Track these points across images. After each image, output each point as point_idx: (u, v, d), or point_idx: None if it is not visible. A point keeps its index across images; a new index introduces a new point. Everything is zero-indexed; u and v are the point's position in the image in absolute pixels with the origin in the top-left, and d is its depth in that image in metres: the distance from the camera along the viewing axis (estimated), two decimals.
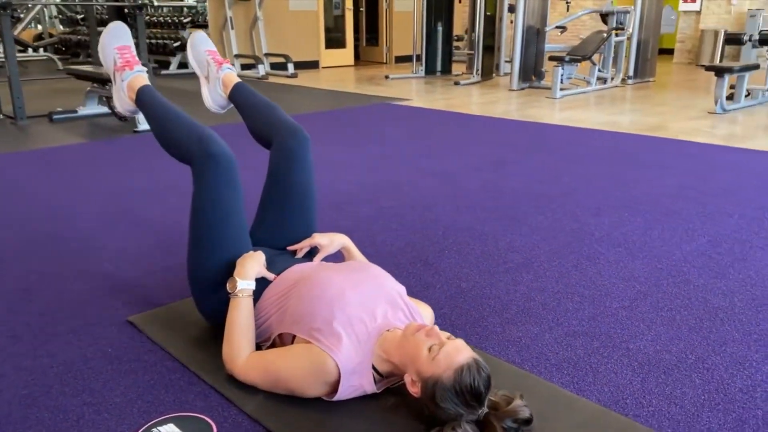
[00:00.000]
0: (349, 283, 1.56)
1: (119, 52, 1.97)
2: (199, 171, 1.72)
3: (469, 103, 6.72)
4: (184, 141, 1.77)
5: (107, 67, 1.99)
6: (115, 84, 1.98)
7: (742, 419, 1.43)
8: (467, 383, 1.31)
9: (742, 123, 5.49)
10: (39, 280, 2.16)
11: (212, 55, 2.08)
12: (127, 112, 2.02)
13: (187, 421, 1.41)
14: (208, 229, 1.71)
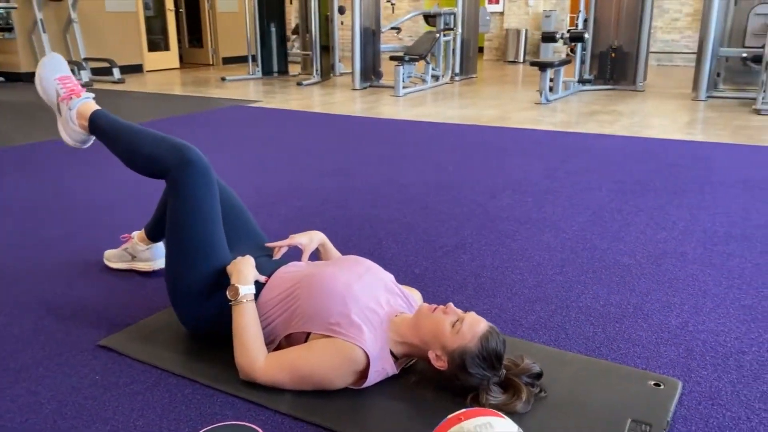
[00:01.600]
0: (352, 276, 1.64)
1: (61, 83, 1.89)
2: (177, 181, 1.69)
3: (322, 102, 6.85)
4: (156, 154, 1.72)
5: (49, 100, 1.90)
6: (60, 115, 1.88)
7: (689, 349, 1.75)
8: (492, 348, 1.47)
9: (566, 111, 6.25)
10: None
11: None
12: (77, 143, 1.92)
13: (229, 429, 1.40)
14: (192, 240, 1.68)
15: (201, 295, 1.69)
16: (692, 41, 11.58)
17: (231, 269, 1.66)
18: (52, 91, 1.90)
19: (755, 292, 2.11)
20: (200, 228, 1.68)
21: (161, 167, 1.71)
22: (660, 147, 4.47)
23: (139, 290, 2.12)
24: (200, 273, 1.67)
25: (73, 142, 1.92)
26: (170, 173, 1.69)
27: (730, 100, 6.91)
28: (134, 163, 1.77)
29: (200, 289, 1.68)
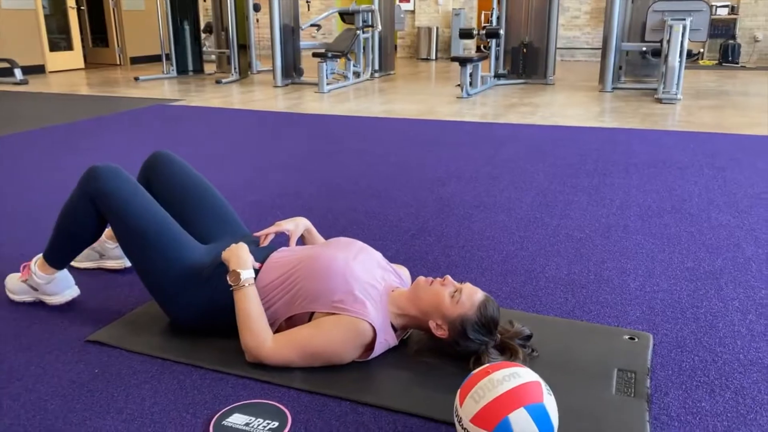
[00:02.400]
0: (349, 255, 1.70)
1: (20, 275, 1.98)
2: (96, 197, 1.75)
3: (247, 99, 6.78)
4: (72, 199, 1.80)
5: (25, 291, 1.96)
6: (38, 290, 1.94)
7: (651, 307, 1.94)
8: (489, 315, 1.58)
9: (487, 104, 6.52)
10: None
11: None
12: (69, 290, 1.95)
13: (251, 407, 1.43)
14: (150, 242, 1.70)
15: (186, 287, 1.70)
16: (591, 37, 12.31)
17: (227, 256, 1.68)
18: (20, 284, 1.96)
19: (694, 256, 2.34)
20: (152, 227, 1.71)
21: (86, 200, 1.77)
22: (580, 134, 4.77)
23: (114, 286, 2.08)
24: (177, 266, 1.69)
25: (62, 296, 1.94)
26: (90, 199, 1.76)
27: (632, 91, 7.44)
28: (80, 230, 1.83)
29: (182, 282, 1.69)
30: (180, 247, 1.72)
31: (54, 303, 1.93)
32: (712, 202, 3.00)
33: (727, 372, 1.58)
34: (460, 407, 1.22)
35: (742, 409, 1.43)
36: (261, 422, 1.38)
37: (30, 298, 1.96)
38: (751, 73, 9.84)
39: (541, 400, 1.19)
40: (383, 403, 1.45)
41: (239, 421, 1.38)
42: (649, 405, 1.44)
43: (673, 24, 6.29)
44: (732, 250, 2.40)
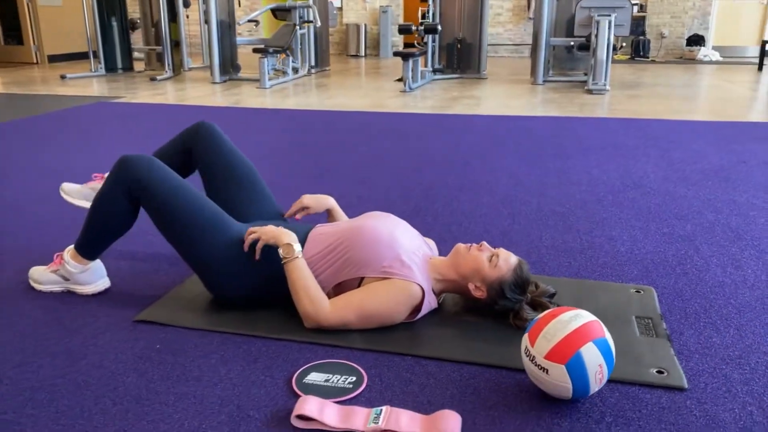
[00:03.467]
0: (390, 226, 1.82)
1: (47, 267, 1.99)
2: (138, 188, 1.78)
3: (190, 96, 6.68)
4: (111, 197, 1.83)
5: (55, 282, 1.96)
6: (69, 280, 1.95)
7: (645, 266, 2.17)
8: (524, 276, 1.75)
9: (432, 97, 6.74)
10: None
11: (91, 183, 2.13)
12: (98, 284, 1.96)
13: (326, 366, 1.53)
14: (193, 224, 1.75)
15: (236, 267, 1.76)
16: (513, 34, 12.83)
17: (275, 234, 1.75)
18: (49, 275, 1.95)
19: (666, 223, 2.61)
20: (192, 208, 1.76)
21: (123, 191, 1.80)
22: (529, 122, 5.06)
23: (139, 271, 2.11)
24: (225, 246, 1.75)
25: (95, 285, 1.95)
26: (125, 188, 1.79)
27: (562, 83, 7.88)
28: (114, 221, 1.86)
29: (234, 261, 1.76)
30: (223, 227, 1.78)
31: (86, 293, 1.94)
32: (666, 178, 3.32)
33: (725, 314, 1.82)
34: (532, 347, 1.38)
35: (747, 341, 1.67)
36: (339, 378, 1.48)
37: (59, 288, 1.96)
38: (660, 66, 10.59)
39: (603, 335, 1.37)
40: (443, 355, 1.59)
41: (318, 378, 1.48)
42: (671, 343, 1.65)
43: (600, 19, 6.73)
44: (696, 217, 2.69)
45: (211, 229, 1.76)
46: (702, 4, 11.86)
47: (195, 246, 1.76)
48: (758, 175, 3.39)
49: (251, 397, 1.42)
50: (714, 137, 4.43)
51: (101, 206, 1.84)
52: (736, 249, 2.32)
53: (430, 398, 1.42)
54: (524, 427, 1.32)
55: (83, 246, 1.90)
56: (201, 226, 1.75)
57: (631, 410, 1.38)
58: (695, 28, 11.96)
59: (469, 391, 1.45)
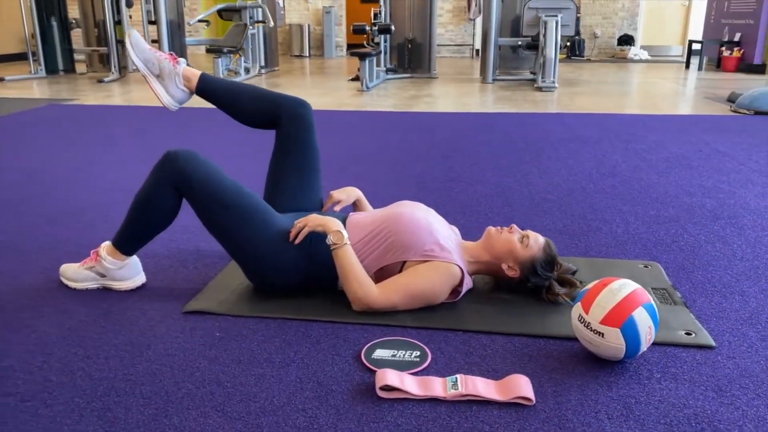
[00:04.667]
0: (425, 213, 1.93)
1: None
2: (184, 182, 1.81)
3: (145, 97, 6.55)
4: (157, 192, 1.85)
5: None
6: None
7: (643, 245, 2.36)
8: (553, 254, 1.89)
9: (391, 96, 6.87)
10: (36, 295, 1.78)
11: (158, 52, 2.09)
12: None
13: (390, 343, 1.62)
14: (241, 216, 1.80)
15: (283, 256, 1.82)
16: (454, 34, 13.14)
17: (322, 222, 1.82)
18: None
19: (650, 207, 2.82)
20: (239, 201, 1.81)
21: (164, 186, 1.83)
22: (491, 119, 5.26)
23: (169, 264, 2.13)
24: (272, 237, 1.81)
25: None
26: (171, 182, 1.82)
27: (510, 82, 8.17)
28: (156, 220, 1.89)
29: (281, 251, 1.82)
30: (268, 219, 1.83)
31: (123, 288, 1.95)
32: (637, 167, 3.56)
33: (727, 283, 2.02)
34: (586, 314, 1.52)
35: (751, 305, 1.87)
36: (404, 353, 1.58)
37: (95, 285, 1.96)
38: (596, 64, 11.11)
39: (650, 300, 1.52)
40: (492, 329, 1.70)
41: (385, 354, 1.57)
42: (689, 309, 1.83)
43: (547, 20, 7.03)
44: (675, 200, 2.92)
45: (257, 221, 1.81)
46: (630, 5, 12.51)
47: (241, 238, 1.81)
48: (715, 162, 3.69)
49: (327, 374, 1.49)
50: (666, 129, 4.75)
51: (145, 202, 1.85)
52: (717, 227, 2.55)
53: (493, 366, 1.54)
54: (585, 387, 1.45)
55: (122, 242, 1.91)
56: (246, 219, 1.80)
57: (674, 367, 1.53)
58: (625, 28, 12.60)
59: (525, 359, 1.57)
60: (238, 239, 1.81)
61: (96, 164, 3.60)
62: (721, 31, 10.06)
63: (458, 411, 1.36)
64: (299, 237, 1.81)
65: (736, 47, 9.47)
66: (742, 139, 4.38)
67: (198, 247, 2.31)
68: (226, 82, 2.11)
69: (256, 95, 2.08)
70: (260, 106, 2.06)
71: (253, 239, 1.80)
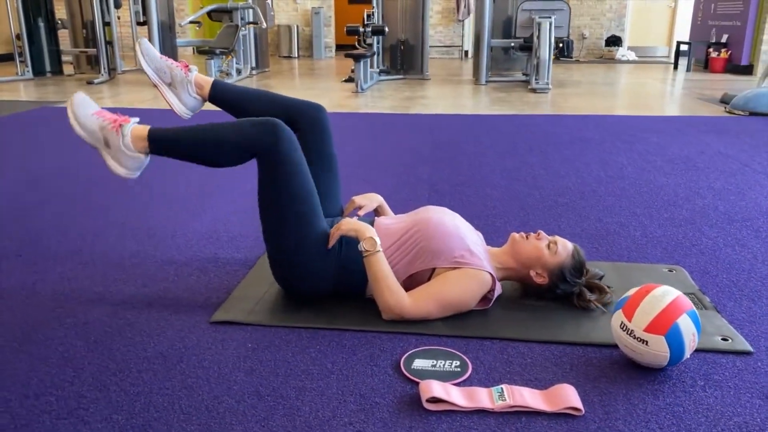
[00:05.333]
0: (453, 219, 1.91)
1: (100, 116, 1.86)
2: (269, 151, 1.76)
3: (139, 99, 6.47)
4: (246, 139, 1.77)
5: (92, 136, 1.84)
6: (109, 148, 1.84)
7: (664, 248, 2.36)
8: (582, 261, 1.88)
9: (387, 97, 6.84)
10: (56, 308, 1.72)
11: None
12: (132, 172, 1.87)
13: (427, 353, 1.59)
14: (303, 205, 1.78)
15: (319, 256, 1.79)
16: (443, 36, 13.15)
17: (355, 227, 1.79)
18: (94, 126, 1.83)
19: (664, 209, 2.82)
20: (305, 188, 1.79)
21: (253, 145, 1.76)
22: (491, 120, 5.26)
23: (187, 273, 2.09)
24: (312, 234, 1.78)
25: (128, 171, 1.85)
26: (265, 146, 1.76)
27: (503, 83, 8.18)
28: (221, 160, 1.80)
29: (319, 250, 1.79)
30: (318, 220, 1.81)
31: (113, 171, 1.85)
32: (643, 169, 3.57)
33: (753, 287, 2.02)
34: (629, 322, 1.50)
35: None
36: (444, 362, 1.55)
37: (90, 143, 1.85)
38: (585, 65, 11.18)
39: (693, 307, 1.51)
40: (529, 337, 1.68)
41: (425, 364, 1.54)
42: (720, 314, 1.82)
43: (541, 21, 7.05)
44: (686, 203, 2.92)
45: (309, 219, 1.78)
46: (618, 6, 12.60)
47: (288, 230, 1.76)
48: (719, 163, 3.71)
49: (369, 386, 1.46)
50: (665, 130, 4.77)
51: (220, 142, 1.77)
52: (734, 230, 2.55)
53: (535, 375, 1.52)
54: (631, 395, 1.44)
55: (162, 140, 1.82)
56: (302, 214, 1.76)
57: (716, 374, 1.53)
58: (613, 29, 12.68)
59: (566, 368, 1.55)
60: (284, 231, 1.77)
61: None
62: (709, 32, 10.16)
63: (508, 423, 1.34)
64: (331, 241, 1.78)
65: (723, 48, 9.58)
66: (741, 140, 4.42)
67: (216, 255, 2.26)
68: (239, 89, 2.07)
69: (270, 101, 2.04)
70: (275, 112, 2.01)
71: (303, 240, 1.76)
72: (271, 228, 1.80)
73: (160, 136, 1.83)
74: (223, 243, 2.38)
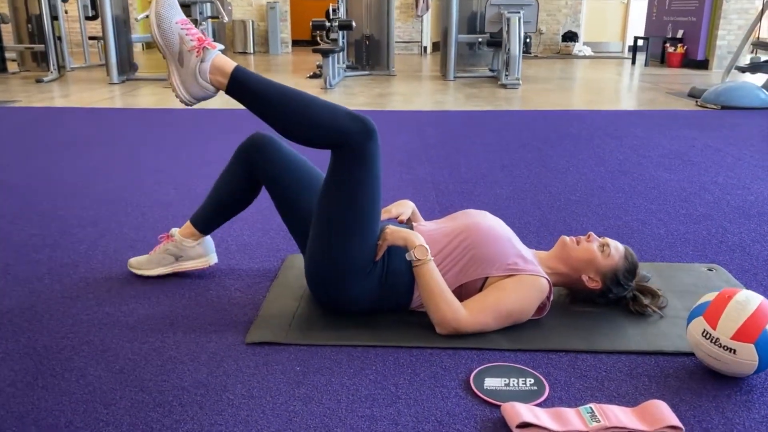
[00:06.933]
0: (500, 223, 1.79)
1: (184, 28, 1.57)
2: (365, 150, 1.59)
3: (96, 98, 6.12)
4: (338, 123, 1.57)
5: (169, 46, 1.56)
6: (182, 66, 1.57)
7: (694, 246, 2.30)
8: (635, 263, 1.79)
9: (359, 94, 6.68)
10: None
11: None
12: (194, 100, 1.61)
13: (496, 370, 1.47)
14: (370, 210, 1.62)
15: (366, 267, 1.64)
16: (402, 31, 13.05)
17: (405, 236, 1.65)
18: (175, 36, 1.56)
19: (679, 205, 2.78)
20: (377, 197, 1.64)
21: (344, 137, 1.58)
22: (471, 117, 5.17)
23: (212, 284, 1.90)
24: (367, 244, 1.64)
25: (191, 98, 1.60)
26: (350, 141, 1.58)
27: (471, 79, 8.13)
28: (300, 134, 1.59)
29: (367, 260, 1.64)
30: (377, 230, 1.66)
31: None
32: (640, 164, 3.54)
33: None
34: (714, 330, 1.41)
35: None
36: (516, 381, 1.43)
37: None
38: (544, 60, 11.27)
39: None
40: (596, 347, 1.58)
41: (497, 383, 1.42)
42: None
43: (510, 16, 7.02)
44: (696, 197, 2.89)
45: (371, 226, 1.63)
46: (573, 2, 12.76)
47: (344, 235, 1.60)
48: (713, 157, 3.71)
49: (444, 411, 1.33)
50: (646, 125, 4.79)
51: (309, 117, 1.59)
52: (754, 224, 2.52)
53: (616, 391, 1.41)
54: (724, 409, 1.35)
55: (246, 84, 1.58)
56: (366, 219, 1.61)
57: None
58: (569, 25, 12.85)
59: (644, 380, 1.45)
60: (343, 239, 1.61)
61: (74, 171, 3.27)
62: (664, 28, 10.38)
63: None
64: (379, 252, 1.63)
65: (679, 44, 9.79)
66: (723, 133, 4.46)
67: (231, 266, 2.08)
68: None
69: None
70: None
71: (357, 246, 1.61)
72: (321, 231, 1.64)
73: (246, 79, 1.58)
74: (234, 252, 2.19)
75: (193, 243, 1.94)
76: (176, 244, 1.94)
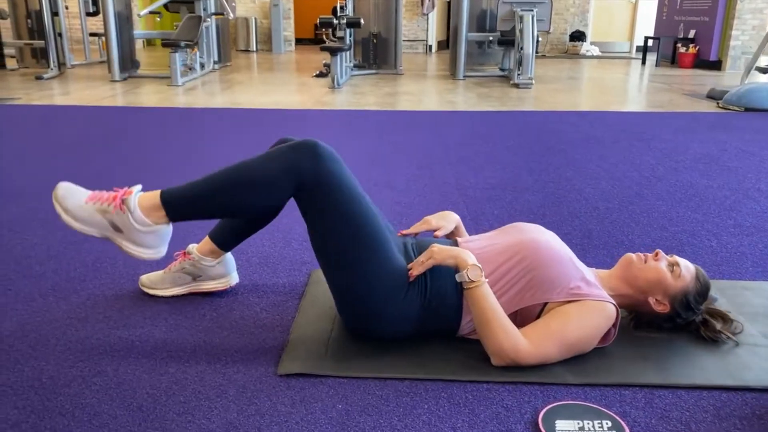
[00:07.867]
0: (557, 240, 1.61)
1: (94, 200, 1.50)
2: (314, 177, 1.44)
3: (98, 96, 5.93)
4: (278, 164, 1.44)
5: (97, 226, 1.48)
6: (121, 232, 1.49)
7: (753, 260, 2.13)
8: (708, 284, 1.61)
9: (368, 93, 6.50)
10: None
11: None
12: (157, 250, 1.52)
13: (566, 410, 1.29)
14: (367, 231, 1.45)
15: (397, 290, 1.47)
16: (408, 30, 12.87)
17: (456, 255, 1.47)
18: (95, 216, 1.47)
19: (724, 214, 2.60)
20: (364, 210, 1.46)
21: (296, 171, 1.43)
22: (487, 118, 4.99)
23: (234, 304, 1.72)
24: (389, 266, 1.46)
25: (152, 250, 1.51)
26: (308, 172, 1.43)
27: (481, 78, 7.95)
28: (255, 204, 1.46)
29: (394, 285, 1.47)
30: (391, 252, 1.48)
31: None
32: (674, 169, 3.36)
33: None
34: None
35: None
36: (593, 423, 1.25)
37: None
38: (552, 60, 11.09)
39: None
40: (674, 382, 1.40)
41: (569, 426, 1.24)
42: None
43: (523, 14, 6.84)
44: (742, 206, 2.71)
45: (380, 252, 1.45)
46: (581, 2, 12.59)
47: (361, 272, 1.44)
48: (748, 162, 3.54)
49: None
50: (671, 127, 4.61)
51: (248, 182, 1.45)
52: None
53: None
54: None
55: (179, 200, 1.50)
56: (369, 247, 1.43)
57: None
58: (576, 24, 12.68)
59: (735, 421, 1.28)
60: (358, 273, 1.44)
61: (77, 172, 3.08)
62: (675, 27, 10.21)
63: None
64: (419, 270, 1.45)
65: (691, 44, 9.63)
66: (753, 136, 4.29)
67: (254, 282, 1.90)
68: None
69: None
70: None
71: (378, 279, 1.44)
72: (333, 272, 1.47)
73: (176, 195, 1.49)
74: (255, 266, 2.01)
75: (212, 262, 1.76)
76: (194, 262, 1.75)
